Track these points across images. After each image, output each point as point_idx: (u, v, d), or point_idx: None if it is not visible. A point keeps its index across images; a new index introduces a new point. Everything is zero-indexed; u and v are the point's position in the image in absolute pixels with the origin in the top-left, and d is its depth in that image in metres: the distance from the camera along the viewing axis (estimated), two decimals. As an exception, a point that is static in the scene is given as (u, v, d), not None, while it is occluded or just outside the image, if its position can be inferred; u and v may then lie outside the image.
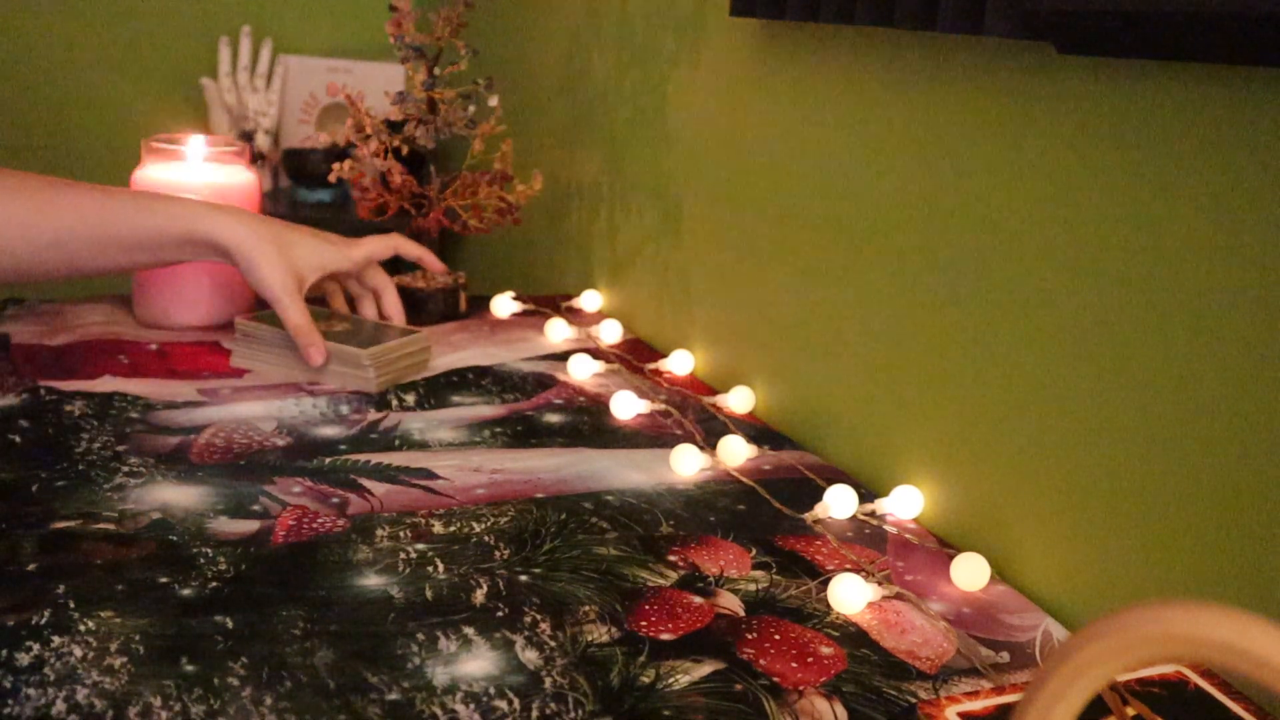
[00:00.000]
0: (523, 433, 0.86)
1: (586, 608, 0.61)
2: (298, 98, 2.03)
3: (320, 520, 0.69)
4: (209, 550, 0.64)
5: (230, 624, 0.57)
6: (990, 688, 0.55)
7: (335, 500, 0.72)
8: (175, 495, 0.71)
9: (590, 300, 1.22)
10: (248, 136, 1.97)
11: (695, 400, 0.95)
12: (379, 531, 0.68)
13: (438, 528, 0.69)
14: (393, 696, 0.52)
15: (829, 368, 0.87)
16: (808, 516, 0.74)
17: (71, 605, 0.57)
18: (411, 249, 1.08)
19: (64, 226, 0.87)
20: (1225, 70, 0.55)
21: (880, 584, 0.65)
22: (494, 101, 1.11)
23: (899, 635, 0.61)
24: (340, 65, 2.03)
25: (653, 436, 0.87)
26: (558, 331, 1.09)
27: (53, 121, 1.95)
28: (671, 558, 0.67)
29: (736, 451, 0.81)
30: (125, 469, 0.74)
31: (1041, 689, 0.28)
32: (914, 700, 0.55)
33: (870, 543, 0.72)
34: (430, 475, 0.76)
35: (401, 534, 0.68)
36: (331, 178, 1.10)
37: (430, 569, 0.64)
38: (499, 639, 0.57)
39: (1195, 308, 0.57)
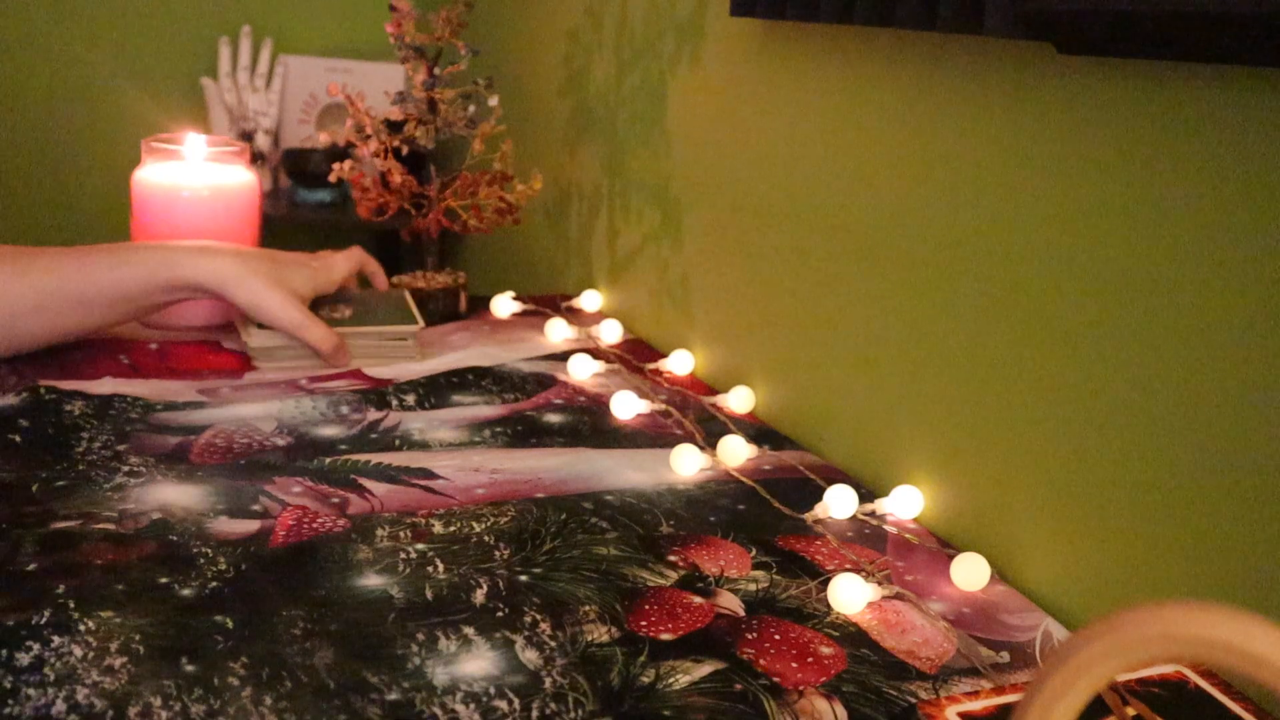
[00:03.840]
0: (523, 433, 0.86)
1: (586, 608, 0.61)
2: (298, 98, 2.03)
3: (320, 520, 0.69)
4: (209, 550, 0.64)
5: (230, 624, 0.57)
6: (990, 688, 0.55)
7: (335, 500, 0.72)
8: (175, 495, 0.71)
9: (590, 300, 1.22)
10: (248, 136, 1.97)
11: (695, 400, 0.95)
12: (379, 531, 0.68)
13: (438, 528, 0.69)
14: (393, 696, 0.52)
15: (829, 368, 0.87)
16: (808, 516, 0.74)
17: (71, 605, 0.57)
18: (371, 264, 1.08)
19: (44, 289, 0.86)
20: (1225, 70, 0.55)
21: (880, 584, 0.65)
22: (494, 101, 1.11)
23: (899, 635, 0.61)
24: (340, 65, 2.03)
25: (653, 436, 0.87)
26: (558, 331, 1.09)
27: (53, 121, 1.95)
28: (671, 558, 0.67)
29: (736, 451, 0.81)
30: (125, 469, 0.74)
31: (1041, 689, 0.28)
32: (914, 700, 0.55)
33: (870, 543, 0.72)
34: (430, 475, 0.76)
35: (401, 534, 0.68)
36: (332, 178, 1.10)
37: (430, 569, 0.64)
38: (499, 639, 0.57)
39: (1195, 307, 0.57)
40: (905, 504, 0.75)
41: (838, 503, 0.74)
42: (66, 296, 0.87)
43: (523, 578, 0.64)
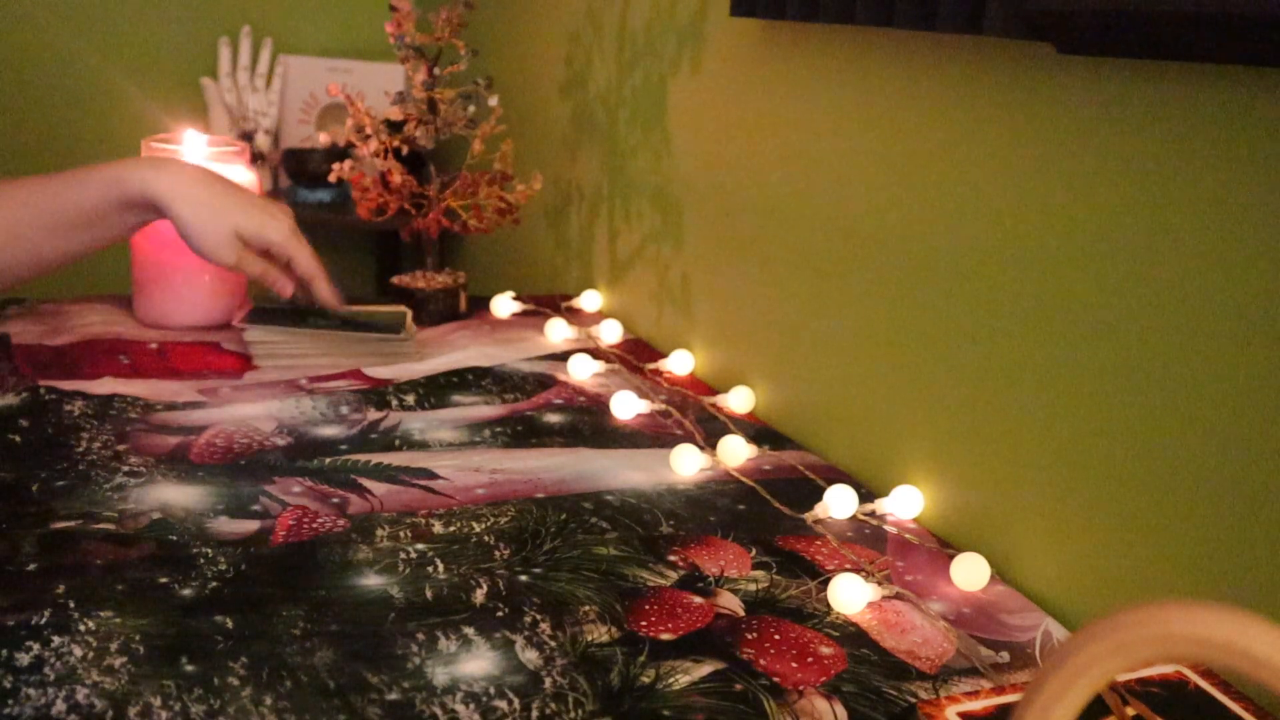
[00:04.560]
0: (523, 433, 0.86)
1: (586, 608, 0.61)
2: (298, 98, 2.03)
3: (320, 520, 0.69)
4: (209, 550, 0.64)
5: (230, 624, 0.57)
6: (990, 688, 0.55)
7: (335, 500, 0.72)
8: (175, 495, 0.71)
9: (590, 300, 1.22)
10: (248, 136, 1.97)
11: (695, 400, 0.95)
12: (379, 531, 0.68)
13: (438, 528, 0.69)
14: (393, 696, 0.52)
15: (829, 368, 0.87)
16: (808, 516, 0.74)
17: (71, 605, 0.57)
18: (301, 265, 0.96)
19: (16, 219, 0.86)
20: (1225, 70, 0.55)
21: (880, 584, 0.65)
22: (494, 101, 1.11)
23: (899, 635, 0.61)
24: (340, 65, 2.03)
25: (653, 436, 0.87)
26: (558, 331, 1.09)
27: (53, 121, 1.95)
28: (671, 558, 0.67)
29: (736, 451, 0.81)
30: (125, 469, 0.74)
31: (1041, 689, 0.28)
32: (914, 700, 0.55)
33: (870, 543, 0.72)
34: (430, 475, 0.76)
35: (401, 534, 0.68)
36: (332, 178, 1.10)
37: (430, 569, 0.64)
38: (499, 639, 0.57)
39: (1195, 307, 0.57)
40: (905, 504, 0.75)
41: (838, 503, 0.74)
42: (38, 225, 0.87)
43: (523, 578, 0.63)
